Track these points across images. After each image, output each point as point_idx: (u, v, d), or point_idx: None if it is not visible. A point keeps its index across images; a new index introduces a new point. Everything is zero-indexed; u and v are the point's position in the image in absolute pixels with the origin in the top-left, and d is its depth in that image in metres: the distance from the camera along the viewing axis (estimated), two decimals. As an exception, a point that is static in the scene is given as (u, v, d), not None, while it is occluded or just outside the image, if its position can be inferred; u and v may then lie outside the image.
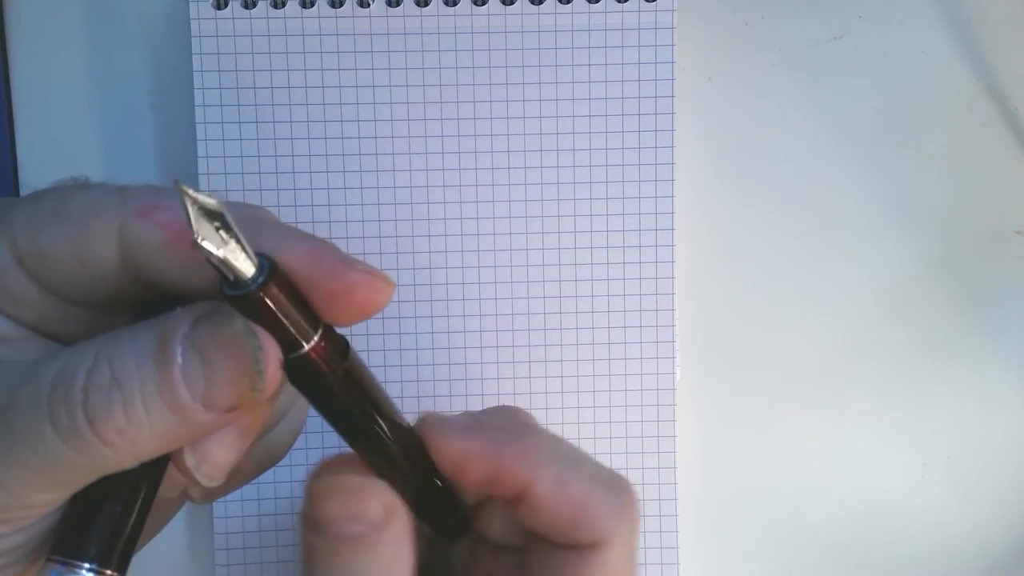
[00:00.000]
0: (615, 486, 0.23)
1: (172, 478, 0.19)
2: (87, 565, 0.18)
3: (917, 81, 0.34)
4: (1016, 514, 0.35)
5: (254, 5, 0.31)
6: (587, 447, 0.33)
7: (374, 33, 0.32)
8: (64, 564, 0.18)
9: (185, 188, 0.16)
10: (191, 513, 0.33)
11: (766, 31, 0.34)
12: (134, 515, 0.19)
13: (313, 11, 0.31)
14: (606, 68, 0.32)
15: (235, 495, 0.32)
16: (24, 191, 0.33)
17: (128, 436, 0.17)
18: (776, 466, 0.34)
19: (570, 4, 0.32)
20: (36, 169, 0.33)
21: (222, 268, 0.17)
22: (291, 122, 0.32)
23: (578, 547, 0.22)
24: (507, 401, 0.33)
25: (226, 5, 0.31)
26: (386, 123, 0.32)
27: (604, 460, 0.32)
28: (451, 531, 0.24)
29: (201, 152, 0.32)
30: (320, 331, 0.19)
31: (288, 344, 0.18)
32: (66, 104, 0.33)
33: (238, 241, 0.16)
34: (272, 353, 0.18)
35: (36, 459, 0.17)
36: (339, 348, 0.19)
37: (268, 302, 0.17)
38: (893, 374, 0.34)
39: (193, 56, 0.31)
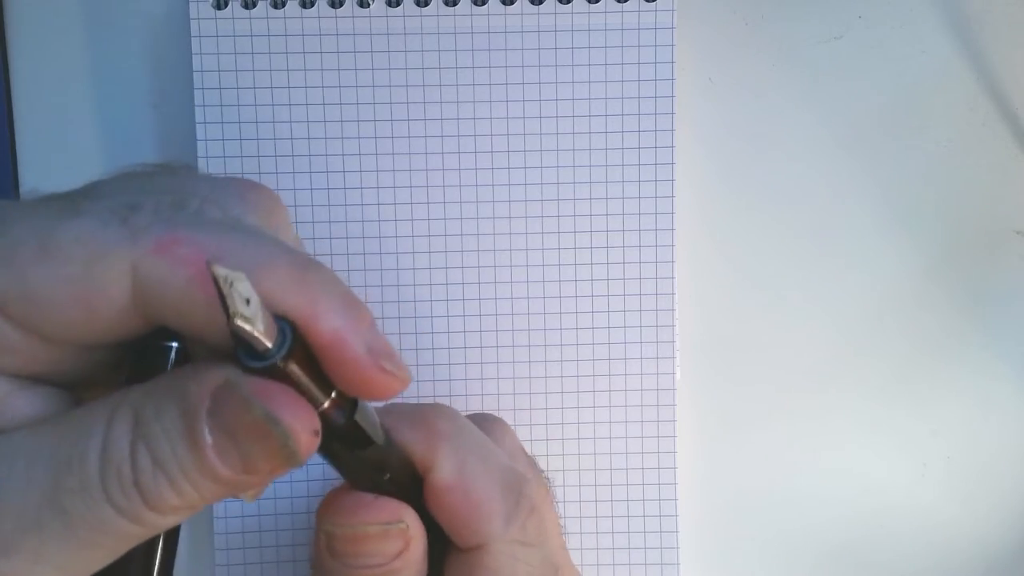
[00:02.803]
0: (510, 489, 0.23)
1: None
2: None
3: (917, 81, 0.34)
4: (1016, 514, 0.35)
5: (254, 5, 0.31)
6: (587, 447, 0.33)
7: (374, 33, 0.32)
8: None
9: (217, 270, 0.15)
10: (191, 513, 0.33)
11: (766, 31, 0.34)
12: (168, 553, 0.19)
13: (313, 11, 0.31)
14: (606, 68, 0.32)
15: (235, 495, 0.32)
16: (24, 191, 0.33)
17: (181, 507, 0.17)
18: (776, 466, 0.34)
19: (570, 4, 0.32)
20: (36, 169, 0.33)
21: (250, 341, 0.16)
22: (291, 122, 0.32)
23: (468, 548, 0.23)
24: (507, 401, 0.33)
25: (226, 5, 0.31)
26: (386, 123, 0.32)
27: (604, 460, 0.33)
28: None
29: (201, 152, 0.32)
30: (334, 393, 0.19)
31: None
32: (66, 104, 0.33)
33: (260, 312, 0.16)
34: (300, 428, 0.17)
35: (99, 537, 0.17)
36: (349, 405, 0.20)
37: (287, 373, 0.17)
38: (893, 374, 0.34)
39: (193, 56, 0.31)
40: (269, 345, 0.16)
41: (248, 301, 0.16)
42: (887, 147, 0.34)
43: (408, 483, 0.23)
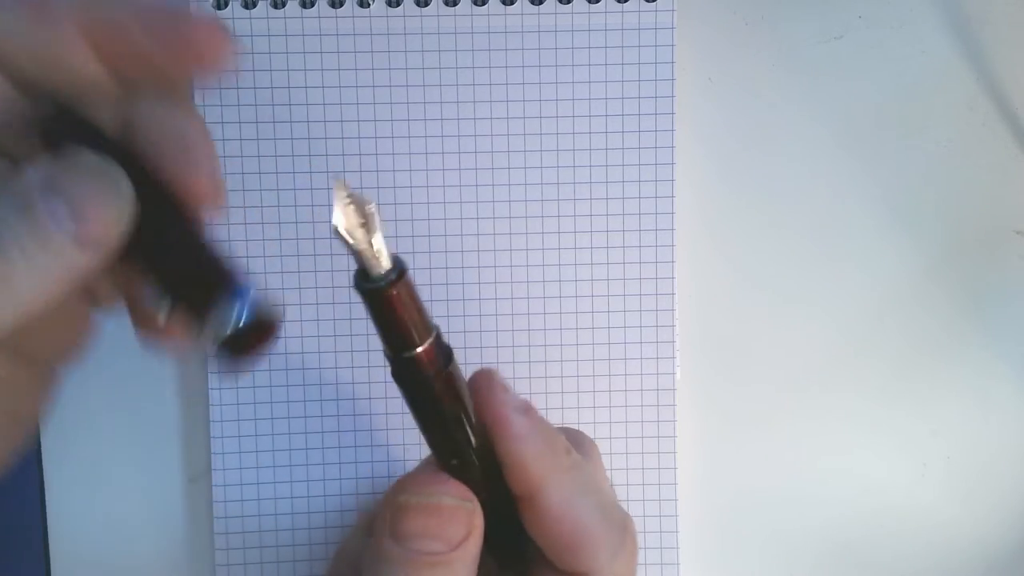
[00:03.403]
0: (619, 526, 0.23)
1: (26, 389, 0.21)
2: None
3: (917, 81, 0.34)
4: (1016, 514, 0.35)
5: (254, 5, 0.31)
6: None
7: (374, 33, 0.32)
8: None
9: (341, 182, 0.18)
10: (191, 513, 0.33)
11: (766, 31, 0.34)
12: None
13: (313, 11, 0.31)
14: (606, 68, 0.32)
15: (235, 495, 0.32)
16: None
17: (11, 279, 0.18)
18: (776, 466, 0.34)
19: (570, 4, 0.32)
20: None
21: (359, 259, 0.19)
22: (291, 122, 0.32)
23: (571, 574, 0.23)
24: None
25: (226, 5, 0.31)
26: (386, 123, 0.32)
27: (604, 460, 0.33)
28: (506, 555, 0.24)
29: (201, 152, 0.32)
30: (433, 335, 0.20)
31: (403, 343, 0.20)
32: (66, 104, 0.33)
33: (379, 240, 0.19)
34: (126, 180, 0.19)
35: None
36: (445, 353, 0.21)
37: (393, 300, 0.19)
38: (893, 374, 0.34)
39: (193, 56, 0.31)
40: (383, 270, 0.19)
41: (375, 231, 0.19)
42: (887, 147, 0.34)
43: (485, 482, 0.23)
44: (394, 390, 0.22)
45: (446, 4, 0.32)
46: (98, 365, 0.33)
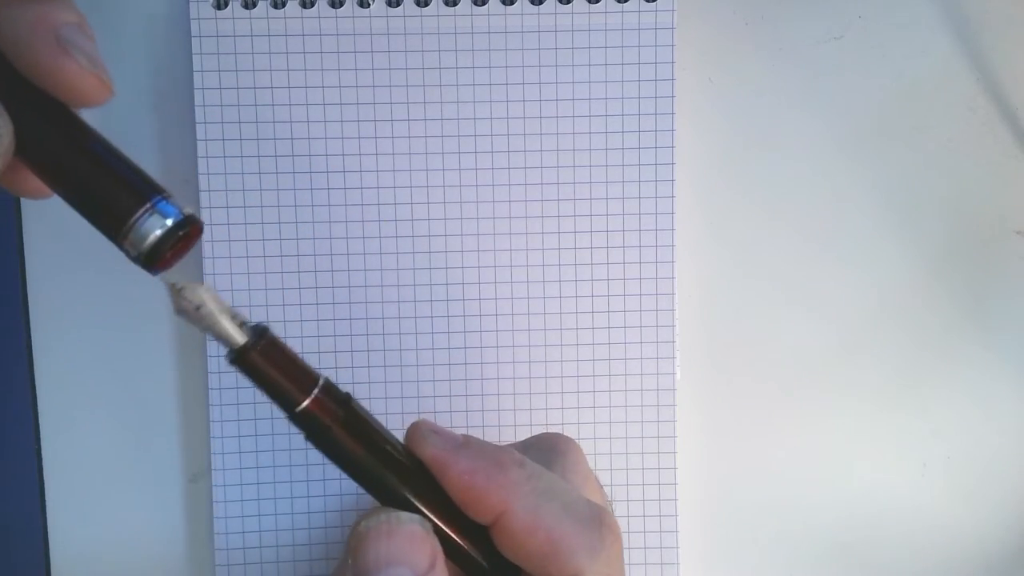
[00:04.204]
0: (592, 521, 0.23)
1: None
2: None
3: (917, 81, 0.34)
4: (1016, 514, 0.35)
5: (254, 5, 0.31)
6: (587, 447, 0.33)
7: (374, 33, 0.32)
8: None
9: (171, 285, 0.19)
10: (191, 513, 0.33)
11: (766, 31, 0.34)
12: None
13: (313, 11, 0.31)
14: (606, 68, 0.32)
15: (235, 495, 0.32)
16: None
17: None
18: (776, 466, 0.34)
19: (570, 4, 0.32)
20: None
21: (216, 338, 0.20)
22: (291, 122, 0.32)
23: None
24: (507, 401, 0.33)
25: (226, 5, 0.31)
26: (386, 123, 0.32)
27: (604, 460, 0.33)
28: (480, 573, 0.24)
29: (201, 152, 0.32)
30: (319, 385, 0.21)
31: (287, 400, 0.21)
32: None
33: (221, 321, 0.20)
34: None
35: None
36: (340, 400, 0.21)
37: (259, 364, 0.20)
38: (893, 374, 0.34)
39: (193, 56, 0.31)
40: (240, 341, 0.20)
41: (199, 307, 0.19)
42: (887, 147, 0.34)
43: (439, 515, 0.23)
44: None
45: (446, 4, 0.32)
46: (98, 365, 0.33)
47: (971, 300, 0.34)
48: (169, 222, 0.19)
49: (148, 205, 0.19)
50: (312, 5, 0.31)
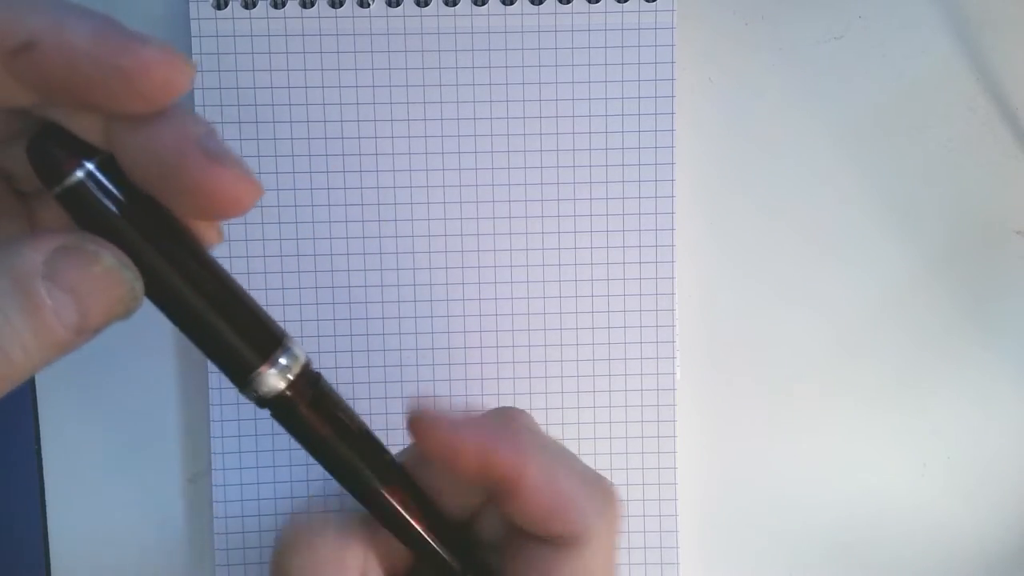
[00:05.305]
0: (599, 486, 0.24)
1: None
2: None
3: (917, 81, 0.34)
4: (1016, 514, 0.35)
5: (254, 5, 0.31)
6: (587, 447, 0.33)
7: (374, 33, 0.32)
8: None
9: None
10: (191, 512, 0.33)
11: (766, 31, 0.34)
12: None
13: (313, 11, 0.31)
14: (606, 68, 0.32)
15: (235, 495, 0.32)
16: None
17: (9, 377, 0.17)
18: (776, 466, 0.34)
19: (570, 4, 0.32)
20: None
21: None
22: (291, 122, 0.32)
23: (558, 541, 0.23)
24: (507, 401, 0.33)
25: (226, 5, 0.31)
26: (386, 123, 0.32)
27: (604, 460, 0.33)
28: (447, 570, 0.24)
29: (201, 152, 0.32)
30: (300, 368, 0.21)
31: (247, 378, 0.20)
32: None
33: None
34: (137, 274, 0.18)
35: None
36: (310, 379, 0.21)
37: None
38: (893, 374, 0.34)
39: (193, 56, 0.31)
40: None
41: None
42: (887, 147, 0.34)
43: (400, 481, 0.23)
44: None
45: (446, 4, 0.32)
46: (98, 365, 0.33)
47: (971, 300, 0.34)
48: (290, 377, 0.20)
49: (266, 364, 0.20)
50: (312, 5, 0.31)
